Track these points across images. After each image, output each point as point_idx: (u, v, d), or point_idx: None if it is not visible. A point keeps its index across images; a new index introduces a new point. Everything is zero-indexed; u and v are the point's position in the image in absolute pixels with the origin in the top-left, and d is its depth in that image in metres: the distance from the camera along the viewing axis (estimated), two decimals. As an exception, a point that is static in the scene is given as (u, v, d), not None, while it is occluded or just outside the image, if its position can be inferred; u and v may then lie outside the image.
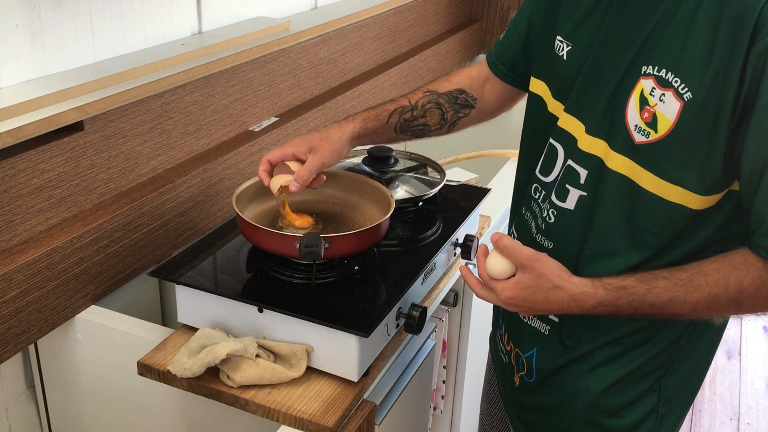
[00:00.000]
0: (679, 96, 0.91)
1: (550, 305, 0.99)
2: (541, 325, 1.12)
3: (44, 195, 1.23)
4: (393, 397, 1.23)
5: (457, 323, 1.60)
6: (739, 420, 2.46)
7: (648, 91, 0.94)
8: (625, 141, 0.97)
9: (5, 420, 1.34)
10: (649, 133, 0.94)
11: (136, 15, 1.42)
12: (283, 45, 1.71)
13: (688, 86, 0.90)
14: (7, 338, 1.17)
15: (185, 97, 1.48)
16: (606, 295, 0.97)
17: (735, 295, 0.92)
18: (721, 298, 0.93)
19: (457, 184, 1.60)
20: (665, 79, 0.92)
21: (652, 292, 0.95)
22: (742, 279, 0.92)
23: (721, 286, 0.92)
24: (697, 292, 0.93)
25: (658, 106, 0.93)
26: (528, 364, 1.15)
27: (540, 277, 0.98)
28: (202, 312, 1.20)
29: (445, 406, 1.69)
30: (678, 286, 0.94)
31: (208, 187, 1.53)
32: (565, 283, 0.98)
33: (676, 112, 0.91)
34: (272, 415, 1.08)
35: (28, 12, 1.21)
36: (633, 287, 0.96)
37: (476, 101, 1.30)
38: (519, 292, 1.00)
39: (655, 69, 0.93)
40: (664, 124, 0.93)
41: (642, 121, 0.95)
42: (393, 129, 1.29)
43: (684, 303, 0.94)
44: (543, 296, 0.99)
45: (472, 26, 2.91)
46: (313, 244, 1.13)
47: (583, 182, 1.03)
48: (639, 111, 0.95)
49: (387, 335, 1.19)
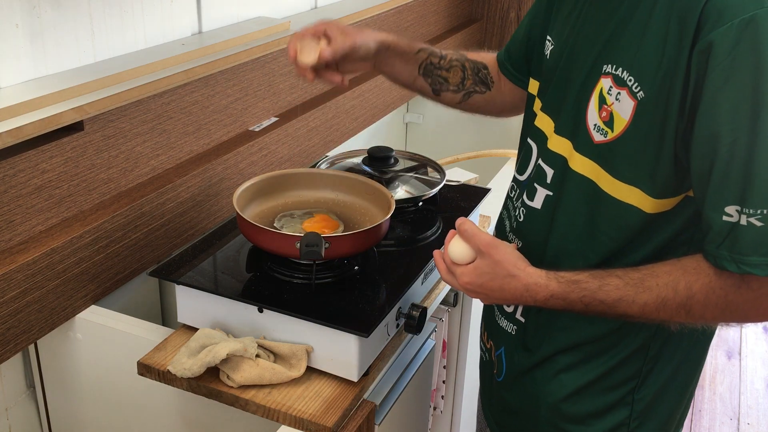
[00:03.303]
0: (633, 95, 0.90)
1: (504, 293, 0.99)
2: (507, 324, 1.12)
3: (44, 195, 1.23)
4: (393, 397, 1.23)
5: (457, 323, 1.60)
6: (739, 420, 2.46)
7: (606, 90, 0.93)
8: (586, 140, 0.96)
9: (5, 420, 1.34)
10: (607, 132, 0.93)
11: (136, 15, 1.42)
12: (283, 45, 1.71)
13: (641, 85, 0.89)
14: (7, 338, 1.17)
15: (185, 97, 1.48)
16: (558, 288, 0.96)
17: (683, 300, 0.90)
18: (670, 301, 0.91)
19: (457, 184, 1.60)
20: (621, 78, 0.91)
21: (603, 289, 0.94)
22: (691, 284, 0.90)
23: (670, 290, 0.90)
24: (646, 293, 0.92)
25: (615, 105, 0.92)
26: (498, 362, 1.15)
27: (496, 264, 0.98)
28: (202, 312, 1.20)
29: (445, 406, 1.69)
30: (629, 286, 0.92)
31: (208, 187, 1.53)
32: (519, 272, 0.97)
33: (630, 111, 0.90)
34: (272, 415, 1.08)
35: (28, 12, 1.21)
36: (585, 282, 0.95)
37: (493, 85, 1.30)
38: (476, 278, 1.00)
39: (614, 68, 0.92)
40: (619, 123, 0.92)
41: (600, 120, 0.94)
42: (417, 65, 1.27)
43: (633, 303, 0.92)
44: (498, 284, 0.98)
45: (472, 26, 2.91)
46: (313, 244, 1.13)
47: (549, 182, 1.02)
48: (598, 110, 0.94)
49: (387, 335, 1.19)
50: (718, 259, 0.87)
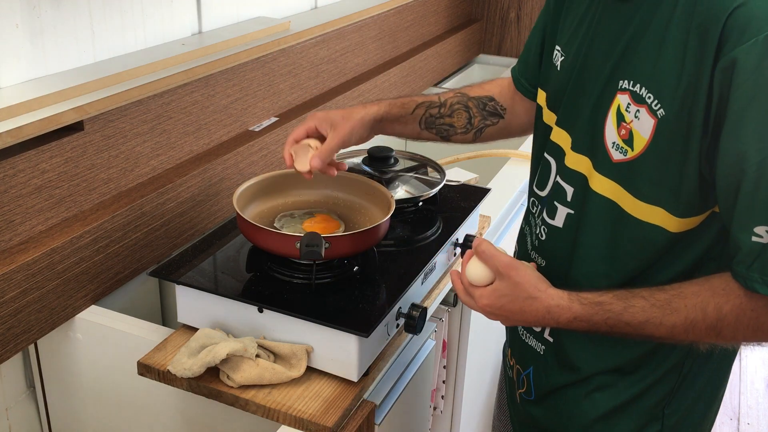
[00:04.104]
0: (653, 113, 0.87)
1: (526, 316, 0.97)
2: (536, 344, 1.10)
3: (44, 195, 1.23)
4: (393, 397, 1.23)
5: (457, 323, 1.60)
6: (739, 420, 2.45)
7: (624, 107, 0.90)
8: (605, 159, 0.94)
9: (5, 420, 1.34)
10: (627, 151, 0.91)
11: (136, 15, 1.42)
12: (283, 45, 1.71)
13: (660, 103, 0.86)
14: (7, 338, 1.17)
15: (185, 97, 1.48)
16: (581, 310, 0.93)
17: (713, 323, 0.87)
18: (699, 323, 0.88)
19: (457, 184, 1.60)
20: (640, 95, 0.88)
21: (629, 311, 0.91)
22: (721, 306, 0.87)
23: (699, 311, 0.88)
24: (674, 315, 0.89)
25: (634, 123, 0.89)
26: (527, 381, 1.13)
27: (516, 286, 0.96)
28: (202, 312, 1.20)
29: (445, 406, 1.69)
30: (655, 308, 0.90)
31: (208, 187, 1.53)
32: (540, 294, 0.95)
33: (650, 129, 0.88)
34: (272, 415, 1.08)
35: (28, 12, 1.21)
36: (609, 304, 0.92)
37: (506, 111, 1.26)
38: (495, 300, 0.97)
39: (631, 84, 0.90)
40: (639, 142, 0.89)
41: (620, 138, 0.91)
42: (417, 122, 1.25)
43: (660, 325, 0.90)
44: (519, 306, 0.96)
45: (472, 26, 2.91)
46: (313, 244, 1.13)
47: (570, 200, 1.00)
48: (617, 128, 0.92)
49: (387, 335, 1.19)
50: (748, 281, 0.84)
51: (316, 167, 1.16)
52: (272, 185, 1.37)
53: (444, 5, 2.70)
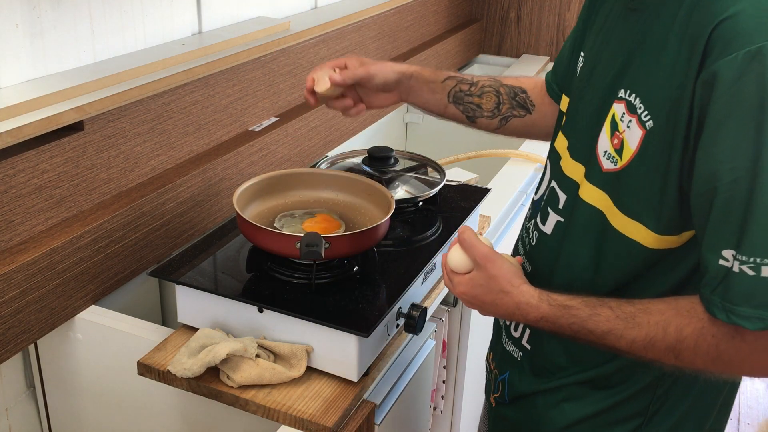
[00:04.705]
0: (642, 124, 0.85)
1: (497, 308, 0.97)
2: (514, 350, 1.10)
3: (44, 195, 1.23)
4: (393, 397, 1.23)
5: (457, 323, 1.60)
6: (739, 420, 2.45)
7: (619, 117, 0.89)
8: (596, 168, 0.92)
9: (5, 420, 1.34)
10: (617, 161, 0.89)
11: (136, 15, 1.42)
12: (283, 45, 1.71)
13: (650, 114, 0.84)
14: (7, 338, 1.17)
15: (185, 97, 1.48)
16: (549, 311, 0.93)
17: (673, 343, 0.84)
18: (659, 342, 0.85)
19: (457, 184, 1.60)
20: (633, 105, 0.87)
21: (593, 319, 0.89)
22: (682, 327, 0.84)
23: (660, 330, 0.85)
24: (636, 329, 0.86)
25: (626, 133, 0.88)
26: (502, 386, 1.13)
27: (491, 279, 0.96)
28: (202, 312, 1.20)
29: (445, 406, 1.69)
30: (619, 319, 0.88)
31: (208, 187, 1.53)
32: (513, 289, 0.95)
33: (638, 141, 0.86)
34: (272, 415, 1.08)
35: (28, 12, 1.21)
36: (576, 309, 0.91)
37: (534, 108, 1.25)
38: (471, 289, 0.99)
39: (628, 93, 0.88)
40: (627, 152, 0.87)
41: (612, 148, 0.90)
42: (446, 93, 1.24)
43: (621, 338, 0.88)
44: (491, 298, 0.97)
45: (472, 26, 2.91)
46: (313, 244, 1.13)
47: (561, 207, 0.99)
48: (610, 137, 0.90)
49: (387, 335, 1.19)
50: (710, 305, 0.81)
51: (336, 81, 1.17)
52: (272, 185, 1.37)
53: (444, 5, 2.70)
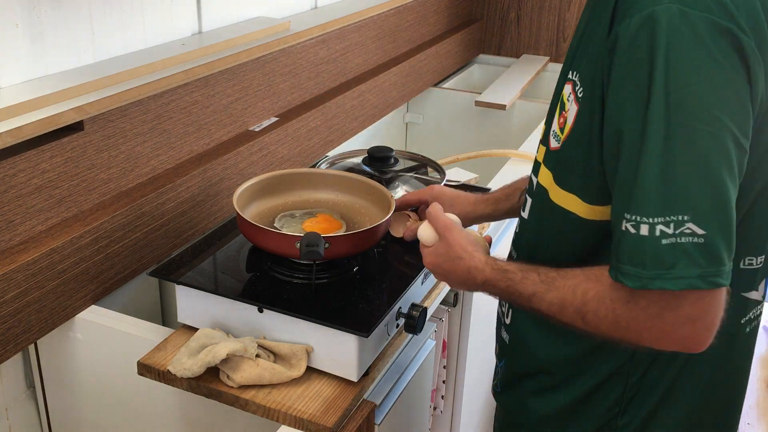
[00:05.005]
0: (577, 99, 0.88)
1: (455, 275, 1.02)
2: (506, 335, 1.11)
3: (44, 195, 1.23)
4: (393, 397, 1.23)
5: (457, 323, 1.60)
6: (739, 420, 2.45)
7: (567, 97, 0.92)
8: (547, 149, 0.96)
9: (5, 420, 1.34)
10: (559, 138, 0.92)
11: (136, 15, 1.42)
12: (283, 45, 1.71)
13: (582, 87, 0.87)
14: (7, 338, 1.17)
15: (185, 97, 1.48)
16: (491, 275, 0.97)
17: (579, 306, 0.86)
18: (568, 304, 0.87)
19: (457, 184, 1.60)
20: (575, 82, 0.90)
21: (523, 282, 0.92)
22: (587, 290, 0.85)
23: (570, 292, 0.87)
24: (553, 292, 0.89)
25: (568, 111, 0.90)
26: (500, 373, 1.14)
27: (449, 246, 1.02)
28: (202, 312, 1.20)
29: (445, 406, 1.69)
30: (543, 283, 0.90)
31: (208, 187, 1.53)
32: (465, 255, 1.00)
33: (573, 115, 0.89)
34: (272, 415, 1.08)
35: (28, 12, 1.21)
36: (512, 273, 0.95)
37: None
38: (434, 258, 1.04)
39: (573, 74, 0.91)
40: (566, 128, 0.91)
41: (558, 127, 0.93)
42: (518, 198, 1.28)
43: (542, 300, 0.90)
44: (450, 265, 1.02)
45: (472, 26, 2.90)
46: (313, 244, 1.13)
47: (534, 190, 1.02)
48: (558, 117, 0.94)
49: (387, 335, 1.19)
50: (611, 268, 0.82)
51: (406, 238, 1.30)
52: (272, 185, 1.37)
53: (444, 5, 2.70)
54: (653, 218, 0.76)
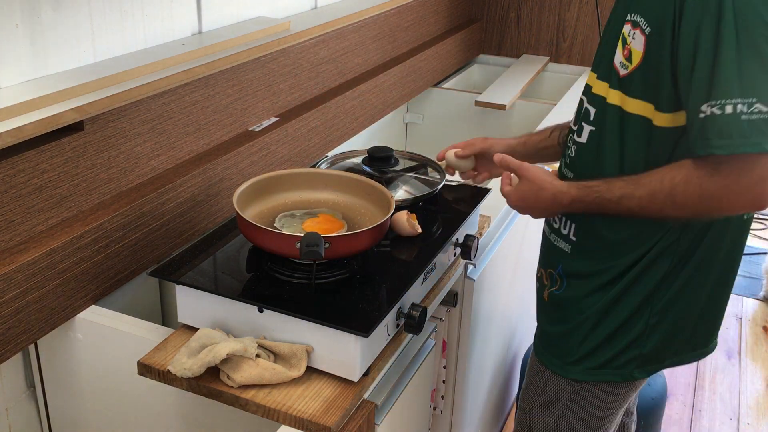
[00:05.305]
0: (643, 31, 1.11)
1: (540, 203, 1.23)
2: (565, 245, 1.29)
3: (44, 195, 1.23)
4: (393, 397, 1.23)
5: (457, 323, 1.60)
6: (739, 420, 2.45)
7: (627, 33, 1.14)
8: (615, 76, 1.17)
9: (5, 420, 1.34)
10: (628, 66, 1.14)
11: (136, 15, 1.42)
12: (283, 45, 1.71)
13: (648, 23, 1.10)
14: (7, 338, 1.17)
15: (185, 97, 1.48)
16: (577, 193, 1.18)
17: (669, 190, 1.08)
18: (658, 193, 1.09)
19: (457, 184, 1.60)
20: (636, 21, 1.12)
21: (611, 190, 1.14)
22: (674, 176, 1.08)
23: (658, 182, 1.10)
24: (642, 188, 1.11)
25: (632, 43, 1.13)
26: (560, 278, 1.32)
27: (530, 182, 1.24)
28: (202, 312, 1.20)
29: (445, 406, 1.69)
30: (630, 185, 1.13)
31: (208, 187, 1.53)
32: (547, 185, 1.22)
33: (642, 44, 1.11)
34: (272, 415, 1.08)
35: (28, 12, 1.21)
36: (597, 186, 1.16)
37: None
38: (520, 194, 1.26)
39: (632, 15, 1.13)
40: (636, 55, 1.13)
41: (623, 58, 1.15)
42: (556, 141, 1.47)
43: (632, 197, 1.12)
44: (534, 197, 1.23)
45: (472, 26, 2.91)
46: (313, 244, 1.13)
47: (593, 119, 1.22)
48: (622, 50, 1.16)
49: (387, 335, 1.19)
50: (693, 150, 1.05)
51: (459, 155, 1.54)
52: (272, 185, 1.37)
53: (444, 5, 2.70)
54: (734, 99, 1.01)
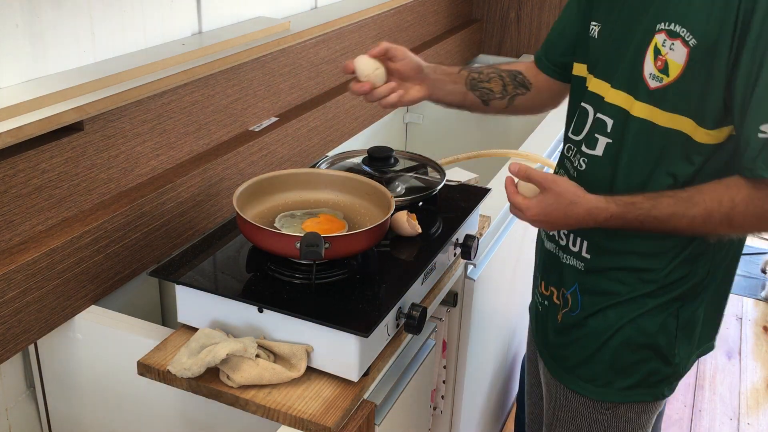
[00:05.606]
0: (686, 43, 1.06)
1: (569, 219, 1.14)
2: (577, 263, 1.26)
3: (44, 195, 1.23)
4: (393, 397, 1.23)
5: (457, 323, 1.60)
6: (739, 420, 2.46)
7: (661, 44, 1.09)
8: (643, 89, 1.12)
9: (5, 420, 1.34)
10: (662, 79, 1.10)
11: (136, 15, 1.42)
12: (283, 45, 1.71)
13: (692, 34, 1.06)
14: (7, 338, 1.17)
15: (185, 97, 1.48)
16: (617, 210, 1.12)
17: (727, 211, 1.05)
18: (715, 213, 1.06)
19: (457, 184, 1.60)
20: (674, 31, 1.07)
21: (657, 208, 1.09)
22: (733, 196, 1.05)
23: (715, 203, 1.06)
24: (695, 207, 1.07)
25: (669, 54, 1.08)
26: (572, 298, 1.28)
27: (559, 196, 1.14)
28: (202, 312, 1.20)
29: (445, 406, 1.69)
30: (679, 203, 1.08)
31: (208, 187, 1.53)
32: (580, 199, 1.13)
33: (684, 56, 1.07)
34: (272, 415, 1.08)
35: (28, 12, 1.21)
36: (640, 203, 1.11)
37: (531, 86, 1.43)
38: (543, 208, 1.15)
39: (666, 24, 1.08)
40: (674, 68, 1.08)
41: (656, 70, 1.10)
42: (464, 82, 1.41)
43: (683, 217, 1.08)
44: (562, 212, 1.14)
45: (472, 26, 2.91)
46: (313, 244, 1.13)
47: (610, 130, 1.18)
48: (653, 61, 1.11)
49: (387, 335, 1.19)
50: (755, 171, 1.03)
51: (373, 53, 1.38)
52: (272, 185, 1.37)
53: (444, 5, 2.70)
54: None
